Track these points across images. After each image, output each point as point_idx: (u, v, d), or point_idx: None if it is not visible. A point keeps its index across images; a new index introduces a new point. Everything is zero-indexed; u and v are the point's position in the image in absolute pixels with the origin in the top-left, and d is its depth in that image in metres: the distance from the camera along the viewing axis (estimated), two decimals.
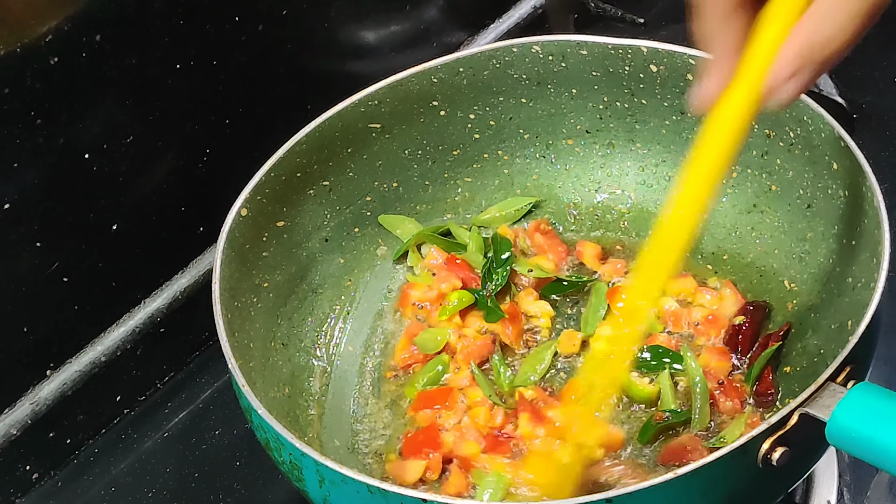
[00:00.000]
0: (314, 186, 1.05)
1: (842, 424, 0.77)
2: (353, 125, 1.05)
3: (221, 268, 0.94)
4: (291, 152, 1.01)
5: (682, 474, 0.76)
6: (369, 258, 1.10)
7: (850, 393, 0.78)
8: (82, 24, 0.98)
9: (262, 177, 0.99)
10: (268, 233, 1.01)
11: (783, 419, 0.78)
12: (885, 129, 1.28)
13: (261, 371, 0.96)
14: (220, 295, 0.92)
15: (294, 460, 0.84)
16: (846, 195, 0.93)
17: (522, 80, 1.08)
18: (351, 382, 1.04)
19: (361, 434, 1.01)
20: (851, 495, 1.00)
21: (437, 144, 1.10)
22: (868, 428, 0.75)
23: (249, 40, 1.11)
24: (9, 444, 1.04)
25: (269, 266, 1.01)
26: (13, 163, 0.97)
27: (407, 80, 1.06)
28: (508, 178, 1.13)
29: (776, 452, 0.78)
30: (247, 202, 0.98)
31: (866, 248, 0.90)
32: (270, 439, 0.86)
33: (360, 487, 0.80)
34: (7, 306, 1.02)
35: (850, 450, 0.77)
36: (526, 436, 0.95)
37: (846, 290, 0.93)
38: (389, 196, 1.10)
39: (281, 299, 1.03)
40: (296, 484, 0.87)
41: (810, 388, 0.79)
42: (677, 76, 1.03)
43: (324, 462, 0.81)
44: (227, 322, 0.91)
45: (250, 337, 0.96)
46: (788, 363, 0.98)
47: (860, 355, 0.82)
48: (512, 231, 1.10)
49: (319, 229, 1.06)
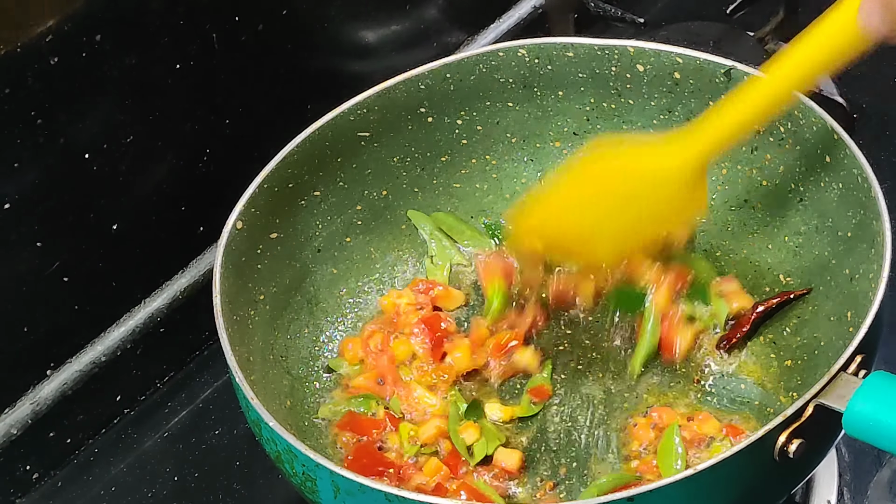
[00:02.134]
0: (305, 197, 1.05)
1: (860, 414, 0.77)
2: (343, 134, 1.05)
3: (221, 282, 0.93)
4: (283, 163, 1.01)
5: (701, 470, 0.77)
6: (362, 267, 1.10)
7: (866, 382, 0.78)
8: (82, 24, 0.98)
9: (256, 188, 0.99)
10: (262, 245, 1.01)
11: (798, 411, 0.79)
12: (885, 129, 1.28)
13: (262, 384, 0.95)
14: (222, 309, 0.92)
15: (307, 472, 0.83)
16: (840, 188, 0.94)
17: (509, 83, 1.08)
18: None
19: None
20: (851, 495, 1.00)
21: (425, 151, 1.10)
22: (887, 416, 0.76)
23: (249, 40, 1.11)
24: (9, 444, 1.04)
25: (265, 278, 1.01)
26: (13, 163, 0.97)
27: (394, 87, 1.06)
28: (497, 183, 1.12)
29: (792, 445, 0.79)
30: (241, 214, 0.98)
31: (864, 239, 0.90)
32: (282, 452, 0.85)
33: (377, 496, 0.79)
34: (7, 306, 1.02)
35: (869, 439, 0.78)
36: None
37: (844, 282, 0.94)
38: (379, 204, 1.09)
39: (277, 311, 1.02)
40: (308, 496, 0.86)
41: (823, 378, 0.80)
42: (664, 75, 1.04)
43: (340, 472, 0.80)
44: (230, 336, 0.91)
45: (250, 350, 0.96)
46: (789, 356, 0.98)
47: (869, 345, 0.83)
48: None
49: (311, 240, 1.06)
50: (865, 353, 0.82)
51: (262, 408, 0.86)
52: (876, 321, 0.84)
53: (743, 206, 1.05)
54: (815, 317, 0.97)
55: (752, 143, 1.02)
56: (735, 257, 1.05)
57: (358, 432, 0.98)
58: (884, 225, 0.87)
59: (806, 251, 1.00)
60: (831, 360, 0.82)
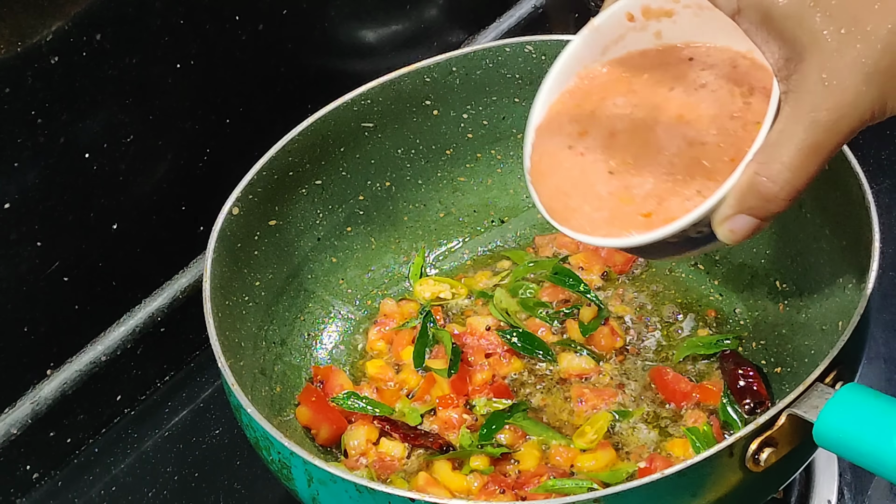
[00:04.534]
0: (306, 185, 1.05)
1: (829, 425, 0.76)
2: (346, 124, 1.05)
3: (212, 266, 0.94)
4: (283, 151, 1.01)
5: (669, 474, 0.76)
6: (361, 257, 1.10)
7: (837, 394, 0.77)
8: (82, 24, 0.98)
9: (254, 175, 0.99)
10: (259, 232, 1.01)
11: (771, 420, 0.78)
12: (885, 128, 1.27)
13: (252, 370, 0.96)
14: (211, 294, 0.92)
15: (283, 459, 0.84)
16: (837, 196, 0.94)
17: (515, 79, 1.08)
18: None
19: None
20: (851, 495, 1.00)
21: (430, 144, 1.10)
22: (856, 429, 0.75)
23: (249, 40, 1.11)
24: (9, 444, 1.04)
25: (261, 265, 1.01)
26: (13, 162, 0.97)
27: (400, 79, 1.06)
28: (501, 179, 1.13)
29: (763, 453, 0.78)
30: (238, 201, 0.98)
31: (857, 249, 0.90)
32: (259, 438, 0.86)
33: (348, 487, 0.80)
34: (7, 306, 1.02)
35: (838, 451, 0.77)
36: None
37: (837, 291, 0.93)
38: (382, 195, 1.10)
39: (273, 298, 1.03)
40: (284, 483, 0.87)
41: (798, 388, 0.78)
42: None
43: (312, 461, 0.81)
44: (218, 321, 0.91)
45: (241, 336, 0.97)
46: (779, 364, 0.98)
47: (849, 356, 0.82)
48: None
49: (312, 228, 1.06)
50: (844, 364, 0.81)
51: (241, 393, 0.86)
52: (856, 333, 0.82)
53: None
54: (806, 325, 0.97)
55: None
56: (733, 262, 1.05)
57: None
58: (874, 236, 0.87)
59: (803, 258, 0.99)
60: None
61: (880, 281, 0.86)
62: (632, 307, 1.06)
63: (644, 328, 1.04)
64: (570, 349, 1.02)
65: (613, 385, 1.00)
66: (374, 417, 0.99)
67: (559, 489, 0.90)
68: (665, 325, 1.04)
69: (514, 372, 1.02)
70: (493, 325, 1.04)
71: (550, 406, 1.00)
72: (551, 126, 0.80)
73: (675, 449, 0.94)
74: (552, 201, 0.77)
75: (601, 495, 0.76)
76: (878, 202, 0.89)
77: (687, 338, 1.03)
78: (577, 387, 1.00)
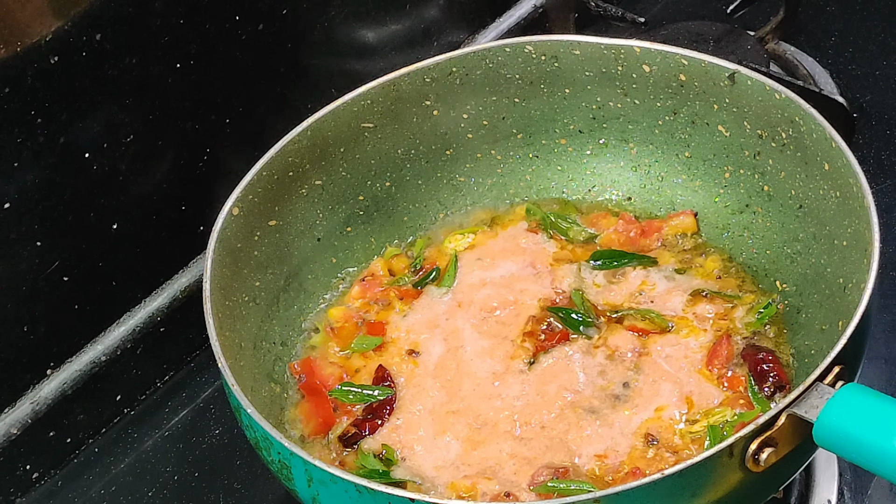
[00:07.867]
0: (306, 185, 1.05)
1: (829, 425, 0.76)
2: (346, 124, 1.05)
3: (212, 267, 0.94)
4: (283, 151, 1.01)
5: (669, 474, 0.76)
6: (361, 257, 1.10)
7: (837, 394, 0.77)
8: (82, 24, 0.98)
9: (254, 176, 0.99)
10: (259, 232, 1.01)
11: (771, 420, 0.78)
12: (885, 128, 1.28)
13: (252, 370, 0.96)
14: (211, 294, 0.92)
15: (283, 460, 0.84)
16: (837, 196, 0.93)
17: (515, 79, 1.08)
18: None
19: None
20: (852, 495, 1.00)
21: (429, 144, 1.10)
22: (855, 429, 0.75)
23: (249, 40, 1.11)
24: (9, 444, 1.04)
25: (261, 265, 1.01)
26: (13, 162, 0.98)
27: (399, 79, 1.06)
28: (501, 179, 1.13)
29: (763, 453, 0.78)
30: (238, 201, 0.98)
31: (857, 248, 0.90)
32: (259, 438, 0.86)
33: (348, 487, 0.80)
34: (7, 306, 1.02)
35: (838, 451, 0.77)
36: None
37: (837, 291, 0.93)
38: (382, 195, 1.10)
39: (273, 298, 1.03)
40: (284, 483, 0.87)
41: (798, 388, 0.78)
42: (669, 77, 1.03)
43: (312, 461, 0.81)
44: (218, 321, 0.91)
45: (241, 336, 0.97)
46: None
47: (849, 356, 0.82)
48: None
49: (312, 228, 1.06)
50: (844, 364, 0.81)
51: (241, 394, 0.86)
52: (857, 333, 0.82)
53: (744, 211, 1.05)
54: (807, 325, 0.97)
55: (754, 148, 1.02)
56: (733, 261, 1.05)
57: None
58: (874, 236, 0.87)
59: (803, 258, 0.99)
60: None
61: (880, 281, 0.86)
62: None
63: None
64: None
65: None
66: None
67: (559, 489, 0.90)
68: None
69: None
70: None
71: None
72: None
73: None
74: None
75: (601, 495, 0.76)
76: (878, 202, 0.89)
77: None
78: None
